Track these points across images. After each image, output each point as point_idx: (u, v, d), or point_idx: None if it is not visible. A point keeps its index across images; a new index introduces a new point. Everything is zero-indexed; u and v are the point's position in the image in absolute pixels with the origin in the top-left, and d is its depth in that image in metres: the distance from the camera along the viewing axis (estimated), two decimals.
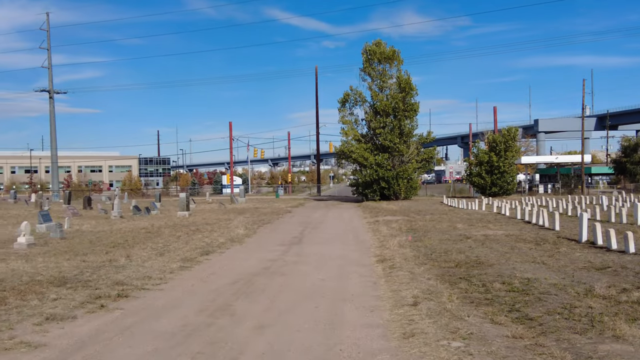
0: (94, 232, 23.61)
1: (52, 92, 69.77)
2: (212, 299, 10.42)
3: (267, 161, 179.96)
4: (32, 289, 11.18)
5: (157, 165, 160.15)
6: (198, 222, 28.41)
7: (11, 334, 8.09)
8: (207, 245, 18.44)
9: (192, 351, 7.28)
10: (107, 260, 15.14)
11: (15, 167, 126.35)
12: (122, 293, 10.84)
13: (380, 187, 48.10)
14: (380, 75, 49.80)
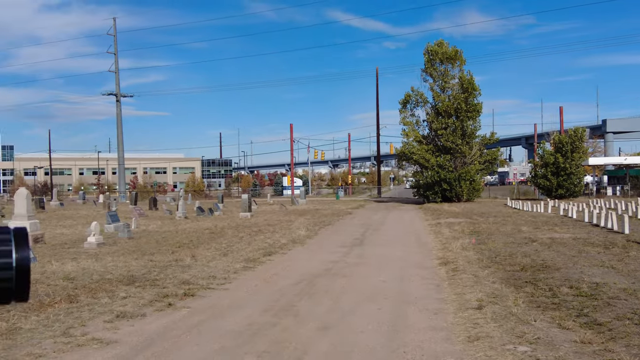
0: (159, 232, 24.20)
1: (119, 95, 71.88)
2: (276, 299, 10.55)
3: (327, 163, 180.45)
4: (103, 287, 11.55)
5: (219, 167, 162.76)
6: (260, 223, 28.75)
7: (84, 330, 8.38)
8: (269, 246, 18.66)
9: (258, 350, 7.40)
10: (173, 259, 15.51)
11: (83, 169, 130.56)
12: (189, 292, 11.09)
13: (442, 189, 47.62)
14: (442, 75, 49.34)
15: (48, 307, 9.73)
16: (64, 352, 7.35)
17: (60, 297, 10.45)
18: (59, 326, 8.54)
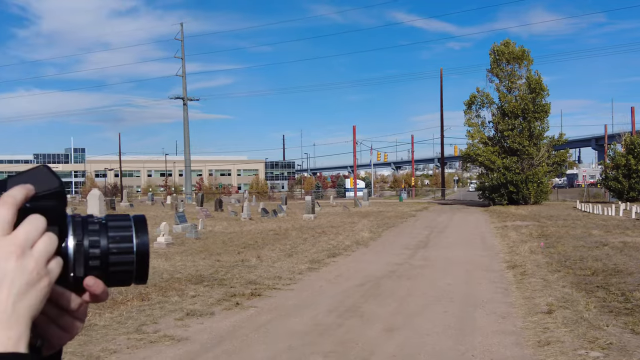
0: (225, 233, 24.63)
1: (185, 99, 73.52)
2: (341, 300, 10.59)
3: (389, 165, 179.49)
4: (172, 286, 11.85)
5: (282, 169, 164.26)
6: (323, 225, 28.88)
7: (155, 327, 8.63)
8: (333, 248, 18.73)
9: (324, 350, 7.46)
10: (240, 260, 15.77)
11: (151, 171, 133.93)
12: (255, 292, 11.26)
13: (508, 191, 46.70)
14: (508, 75, 48.40)
15: (121, 304, 10.05)
16: (137, 348, 7.59)
17: (132, 295, 10.78)
18: (132, 323, 8.82)
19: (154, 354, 7.34)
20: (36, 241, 0.78)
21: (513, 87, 48.41)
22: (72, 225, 0.87)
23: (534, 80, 47.25)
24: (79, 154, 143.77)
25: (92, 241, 0.87)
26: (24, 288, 0.75)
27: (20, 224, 0.77)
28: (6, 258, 0.75)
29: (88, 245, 0.86)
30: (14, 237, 0.76)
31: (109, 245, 0.87)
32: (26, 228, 0.77)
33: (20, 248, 0.76)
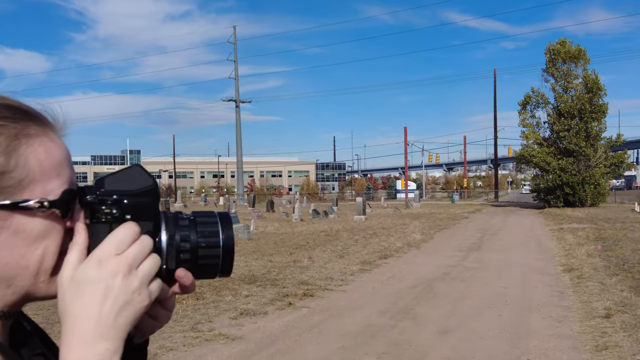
0: (277, 234, 24.82)
1: (238, 101, 74.41)
2: (393, 302, 10.57)
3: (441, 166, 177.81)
4: (226, 285, 12.02)
5: (333, 170, 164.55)
6: (375, 226, 28.81)
7: (210, 326, 8.78)
8: (384, 249, 18.68)
9: (377, 351, 7.46)
10: (292, 260, 15.89)
11: (204, 172, 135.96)
12: (308, 292, 11.33)
13: (564, 193, 45.68)
14: (564, 75, 47.35)
15: (177, 303, 10.22)
16: (193, 346, 7.74)
17: (187, 294, 10.97)
18: (188, 322, 9.00)
19: (210, 352, 7.47)
20: (143, 261, 0.84)
21: (569, 86, 47.34)
22: (165, 221, 0.92)
23: (590, 79, 46.10)
24: (134, 156, 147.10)
25: (183, 236, 0.92)
26: (125, 305, 0.81)
27: (133, 244, 0.84)
28: (114, 274, 0.81)
29: (179, 239, 0.92)
30: (125, 256, 0.82)
31: (198, 239, 0.93)
32: (136, 249, 0.84)
33: (128, 267, 0.82)
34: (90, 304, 0.80)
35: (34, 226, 0.84)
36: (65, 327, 0.80)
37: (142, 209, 0.88)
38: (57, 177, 0.87)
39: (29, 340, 0.97)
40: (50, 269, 0.87)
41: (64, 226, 0.87)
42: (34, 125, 0.88)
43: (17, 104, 0.88)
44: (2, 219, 0.82)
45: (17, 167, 0.83)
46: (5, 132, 0.84)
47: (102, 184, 0.88)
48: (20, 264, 0.85)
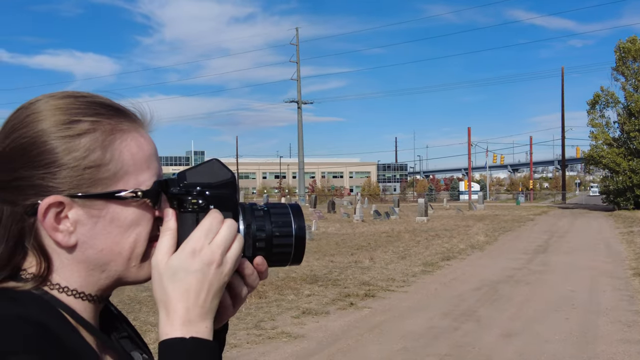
0: (338, 235, 24.87)
1: (300, 102, 74.91)
2: (456, 304, 10.45)
3: (505, 167, 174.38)
4: (288, 285, 12.13)
5: (394, 172, 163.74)
6: (437, 228, 28.53)
7: (273, 324, 8.89)
8: (447, 251, 18.48)
9: (440, 352, 7.40)
10: (353, 261, 15.90)
11: (266, 173, 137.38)
12: (369, 293, 11.32)
13: (635, 195, 44.14)
14: (635, 74, 45.76)
15: None
16: (256, 343, 7.85)
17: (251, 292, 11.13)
18: (251, 319, 9.12)
19: (272, 350, 7.56)
20: (230, 243, 0.92)
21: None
22: (242, 211, 0.99)
23: None
24: (198, 157, 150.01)
25: (258, 225, 0.99)
26: (219, 289, 0.92)
27: (221, 229, 0.92)
28: (209, 264, 0.90)
29: (255, 229, 0.98)
30: (216, 244, 0.91)
31: (273, 229, 0.99)
32: (224, 234, 0.91)
33: (221, 257, 0.91)
34: (190, 291, 0.89)
35: (127, 215, 0.92)
36: (167, 308, 0.89)
37: (223, 200, 0.95)
38: (148, 169, 0.95)
39: (116, 324, 1.05)
40: (141, 255, 0.95)
41: (154, 215, 0.95)
42: (126, 122, 0.95)
43: (110, 102, 0.96)
44: (99, 208, 0.90)
45: (112, 160, 0.91)
46: (101, 128, 0.91)
47: (184, 177, 0.95)
48: (114, 250, 0.92)
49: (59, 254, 0.91)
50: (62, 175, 0.88)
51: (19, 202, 0.89)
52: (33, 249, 0.90)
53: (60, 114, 0.90)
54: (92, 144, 0.90)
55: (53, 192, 0.88)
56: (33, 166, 0.88)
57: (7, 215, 0.90)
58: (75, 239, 0.90)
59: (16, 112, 0.93)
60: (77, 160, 0.89)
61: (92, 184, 0.90)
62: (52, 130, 0.89)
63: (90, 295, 0.94)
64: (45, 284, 0.91)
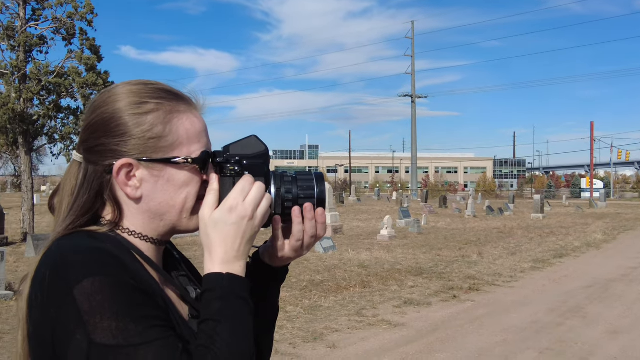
0: (448, 230, 24.70)
1: (414, 97, 74.51)
2: (563, 301, 10.24)
3: (632, 164, 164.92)
4: (392, 276, 12.31)
5: (511, 167, 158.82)
6: (552, 225, 27.64)
7: (374, 312, 9.11)
8: (560, 248, 17.96)
9: (541, 346, 7.36)
10: (460, 255, 15.82)
11: (379, 167, 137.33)
12: (474, 287, 11.30)
13: None
14: None
15: (344, 290, 10.73)
16: (357, 329, 8.11)
17: (355, 282, 11.44)
18: (353, 307, 9.40)
19: (372, 336, 7.80)
20: (259, 201, 1.18)
21: None
22: (273, 178, 1.25)
23: None
24: (312, 151, 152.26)
25: (287, 189, 1.24)
26: (251, 237, 1.17)
27: (252, 190, 1.18)
28: (243, 218, 1.15)
29: (284, 191, 1.24)
30: (248, 202, 1.16)
31: (299, 192, 1.24)
32: (254, 194, 1.18)
33: (252, 212, 1.16)
34: (228, 238, 1.15)
35: (180, 177, 1.20)
36: (210, 251, 1.16)
37: (257, 168, 1.22)
38: (198, 142, 1.22)
39: (176, 265, 1.35)
40: (190, 209, 1.23)
41: (201, 178, 1.23)
42: (183, 104, 1.24)
43: (171, 89, 1.25)
44: (159, 170, 1.19)
45: (170, 133, 1.20)
46: (163, 108, 1.20)
47: (228, 149, 1.22)
48: (169, 204, 1.21)
49: (128, 205, 1.21)
50: (132, 143, 1.17)
51: (99, 162, 1.19)
52: (109, 200, 1.20)
53: (133, 96, 1.19)
54: (156, 120, 1.18)
55: (125, 156, 1.17)
56: (111, 135, 1.18)
57: (90, 173, 1.20)
58: (140, 193, 1.19)
59: (101, 94, 1.24)
60: (143, 132, 1.17)
61: (154, 151, 1.18)
62: (126, 109, 1.18)
63: (152, 238, 1.23)
64: (118, 228, 1.21)
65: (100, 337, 0.99)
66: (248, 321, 1.11)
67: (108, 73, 19.38)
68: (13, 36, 18.39)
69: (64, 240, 1.13)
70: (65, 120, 19.76)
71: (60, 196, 1.23)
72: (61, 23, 18.81)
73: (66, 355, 1.01)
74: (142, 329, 1.02)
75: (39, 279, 1.06)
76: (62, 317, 1.01)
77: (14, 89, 18.27)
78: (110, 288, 1.02)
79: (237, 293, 1.12)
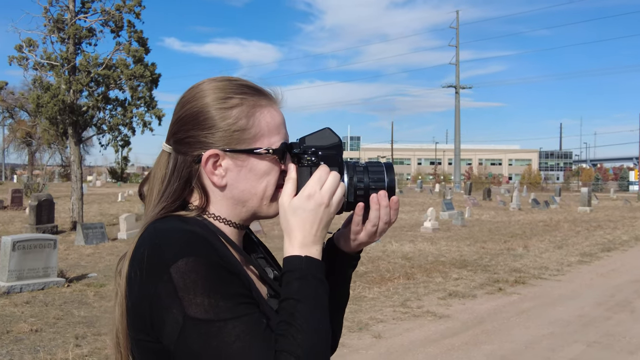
0: (492, 222, 24.46)
1: (458, 87, 73.66)
2: (611, 295, 10.09)
3: None
4: (437, 268, 12.28)
5: (558, 159, 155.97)
6: (600, 219, 27.14)
7: (419, 303, 9.12)
8: (608, 242, 17.65)
9: (588, 340, 7.28)
10: (505, 248, 15.67)
11: (421, 159, 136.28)
12: (519, 280, 11.20)
13: None
14: None
15: (388, 281, 10.75)
16: (401, 320, 8.14)
17: (398, 273, 11.45)
18: (398, 298, 9.43)
19: (417, 327, 7.82)
20: (335, 190, 1.27)
21: None
22: (346, 167, 1.34)
23: None
24: (354, 142, 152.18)
25: (359, 178, 1.33)
26: (327, 223, 1.27)
27: (328, 179, 1.27)
28: (320, 205, 1.24)
29: (356, 180, 1.33)
30: (325, 190, 1.25)
31: (369, 181, 1.33)
32: (330, 182, 1.27)
33: (328, 199, 1.25)
34: (306, 223, 1.24)
35: (261, 166, 1.30)
36: (289, 235, 1.25)
37: (331, 158, 1.31)
38: (278, 134, 1.32)
39: (255, 248, 1.45)
40: (270, 196, 1.32)
41: (280, 168, 1.32)
42: (264, 99, 1.34)
43: (254, 85, 1.35)
44: (242, 160, 1.30)
45: (253, 126, 1.30)
46: (246, 103, 1.31)
47: (304, 141, 1.32)
48: (251, 191, 1.31)
49: (214, 192, 1.31)
50: (218, 135, 1.28)
51: (189, 153, 1.30)
52: (197, 187, 1.31)
53: (219, 92, 1.30)
54: (240, 114, 1.29)
55: (212, 147, 1.28)
56: (199, 128, 1.29)
57: (180, 162, 1.31)
58: (225, 181, 1.30)
59: (189, 90, 1.34)
60: (229, 125, 1.28)
61: (238, 142, 1.28)
62: (213, 104, 1.29)
63: (235, 223, 1.33)
64: (205, 213, 1.32)
65: (194, 311, 1.09)
66: (325, 300, 1.20)
67: (155, 65, 19.68)
68: (63, 28, 18.83)
69: (158, 223, 1.24)
70: (114, 111, 20.16)
71: (150, 184, 1.34)
72: (109, 15, 19.17)
73: (163, 328, 1.12)
74: (231, 305, 1.11)
75: (138, 258, 1.17)
76: (160, 293, 1.11)
77: (64, 80, 18.71)
78: (203, 267, 1.12)
79: (314, 274, 1.21)
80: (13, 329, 7.20)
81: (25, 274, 9.51)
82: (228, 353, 1.09)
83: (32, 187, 35.32)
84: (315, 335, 1.14)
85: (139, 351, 1.20)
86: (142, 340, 1.18)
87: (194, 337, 1.10)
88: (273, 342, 1.12)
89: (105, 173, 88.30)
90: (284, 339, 1.12)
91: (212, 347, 1.09)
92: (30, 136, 59.06)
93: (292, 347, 1.11)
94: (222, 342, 1.09)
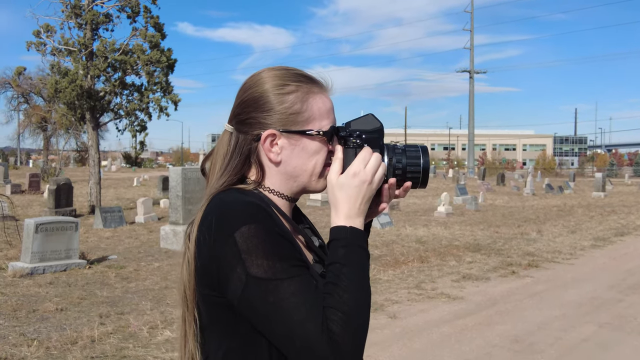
0: (506, 207, 24.52)
1: (472, 72, 73.15)
2: (624, 278, 10.20)
3: None
4: (450, 251, 12.42)
5: (572, 145, 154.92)
6: (614, 204, 27.12)
7: (433, 286, 9.28)
8: (622, 227, 17.70)
9: (599, 321, 7.42)
10: (519, 233, 15.78)
11: (434, 144, 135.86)
12: (532, 263, 11.33)
13: None
14: None
15: (402, 264, 10.91)
16: (416, 301, 8.31)
17: (413, 257, 11.61)
18: (412, 280, 9.60)
19: (431, 308, 7.99)
20: (377, 169, 1.45)
21: None
22: (387, 150, 1.51)
23: None
24: None
25: (397, 159, 1.50)
26: (369, 199, 1.44)
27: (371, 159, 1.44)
28: (364, 182, 1.42)
29: (395, 161, 1.50)
30: (368, 169, 1.43)
31: (407, 162, 1.50)
32: (373, 162, 1.45)
33: (371, 177, 1.43)
34: (351, 198, 1.42)
35: (312, 146, 1.49)
36: (336, 208, 1.42)
37: (374, 141, 1.48)
38: (327, 118, 1.50)
39: (302, 219, 1.64)
40: (319, 173, 1.51)
41: (328, 148, 1.50)
42: (316, 87, 1.52)
43: (307, 74, 1.54)
44: (296, 140, 1.48)
45: (306, 110, 1.48)
46: (301, 90, 1.49)
47: (349, 125, 1.50)
48: (302, 168, 1.49)
49: (270, 168, 1.49)
50: (275, 118, 1.46)
51: (249, 132, 1.48)
52: (255, 163, 1.49)
53: (277, 79, 1.48)
54: (295, 99, 1.46)
55: (270, 127, 1.46)
56: (259, 110, 1.47)
57: (241, 141, 1.49)
58: (280, 158, 1.47)
59: (250, 77, 1.52)
60: (285, 109, 1.46)
61: (293, 124, 1.46)
62: (272, 90, 1.47)
63: (287, 196, 1.51)
64: (261, 187, 1.50)
65: (255, 271, 1.28)
66: (366, 266, 1.38)
67: (171, 50, 19.87)
68: (80, 14, 19.02)
69: (222, 195, 1.42)
70: (130, 96, 20.39)
71: (213, 160, 1.53)
72: (126, 1, 19.33)
73: (228, 285, 1.31)
74: (287, 267, 1.29)
75: (207, 224, 1.35)
76: (227, 254, 1.30)
77: (82, 65, 18.94)
78: (262, 233, 1.30)
79: (358, 243, 1.38)
80: (39, 308, 7.44)
81: (48, 256, 9.74)
82: (283, 307, 1.26)
83: (48, 172, 35.74)
84: (359, 294, 1.31)
85: (205, 305, 1.39)
86: (208, 294, 1.36)
87: (255, 293, 1.28)
88: (322, 299, 1.29)
89: (120, 158, 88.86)
90: (331, 297, 1.29)
91: (269, 303, 1.27)
92: (46, 121, 59.38)
93: (338, 304, 1.28)
94: (278, 298, 1.26)
